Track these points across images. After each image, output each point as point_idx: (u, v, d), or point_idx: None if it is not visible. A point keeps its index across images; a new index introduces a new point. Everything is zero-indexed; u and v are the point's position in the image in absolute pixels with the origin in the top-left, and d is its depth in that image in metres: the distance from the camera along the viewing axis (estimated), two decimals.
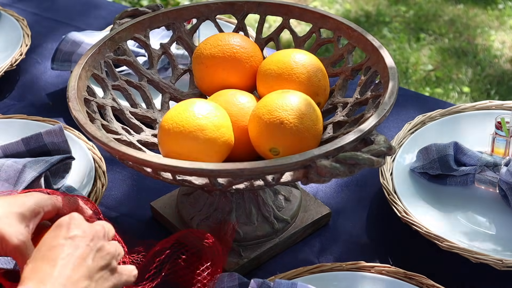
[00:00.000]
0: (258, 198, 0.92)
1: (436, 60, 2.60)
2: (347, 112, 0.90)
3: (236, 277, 0.82)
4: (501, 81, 2.49)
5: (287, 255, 0.94)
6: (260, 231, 0.92)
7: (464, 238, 0.92)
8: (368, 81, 0.92)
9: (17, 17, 1.43)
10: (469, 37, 2.73)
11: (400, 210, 0.95)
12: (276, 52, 0.95)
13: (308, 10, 0.99)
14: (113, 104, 0.92)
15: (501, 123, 1.01)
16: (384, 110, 0.79)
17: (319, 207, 0.98)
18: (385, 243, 0.96)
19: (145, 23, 0.99)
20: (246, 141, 0.86)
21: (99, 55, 0.93)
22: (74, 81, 0.86)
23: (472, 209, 0.98)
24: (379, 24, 2.82)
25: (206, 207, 0.93)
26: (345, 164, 0.72)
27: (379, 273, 0.86)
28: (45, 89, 1.30)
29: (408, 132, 1.09)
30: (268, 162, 0.72)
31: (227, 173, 0.72)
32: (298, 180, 0.76)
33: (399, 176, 1.01)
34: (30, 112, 1.22)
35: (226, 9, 1.02)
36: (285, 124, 0.80)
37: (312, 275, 0.86)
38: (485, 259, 0.87)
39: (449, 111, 1.13)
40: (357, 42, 0.94)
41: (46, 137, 1.01)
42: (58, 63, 1.26)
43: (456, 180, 1.00)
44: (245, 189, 0.79)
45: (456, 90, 2.44)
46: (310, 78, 0.89)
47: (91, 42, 1.25)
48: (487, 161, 0.98)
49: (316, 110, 0.84)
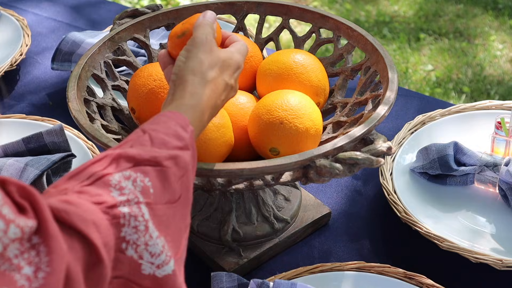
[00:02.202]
0: (258, 198, 0.92)
1: (436, 60, 2.60)
2: (346, 112, 0.90)
3: (235, 277, 0.82)
4: (501, 81, 2.48)
5: (287, 255, 0.94)
6: (260, 231, 0.92)
7: (464, 238, 0.92)
8: (368, 81, 0.92)
9: (17, 17, 1.43)
10: (469, 37, 2.73)
11: (400, 210, 0.95)
12: (276, 52, 0.95)
13: (307, 10, 0.99)
14: (113, 104, 0.92)
15: (501, 123, 1.01)
16: (384, 110, 0.79)
17: (319, 207, 0.98)
18: (385, 243, 0.96)
19: (145, 23, 0.99)
20: (246, 141, 0.86)
21: (99, 55, 0.93)
22: (74, 81, 0.86)
23: (472, 209, 0.98)
24: (379, 24, 2.82)
25: (206, 207, 0.93)
26: (345, 164, 0.72)
27: (379, 273, 0.86)
28: (45, 89, 1.30)
29: (408, 132, 1.09)
30: (268, 162, 0.72)
31: (227, 173, 0.73)
32: (297, 180, 0.76)
33: (399, 176, 1.01)
34: (30, 112, 1.22)
35: (226, 9, 1.02)
36: (285, 124, 0.80)
37: (312, 275, 0.86)
38: (485, 259, 0.87)
39: (449, 111, 1.13)
40: (356, 42, 0.94)
41: (46, 136, 1.01)
42: (58, 63, 1.26)
43: (456, 180, 1.00)
44: (245, 189, 0.79)
45: (456, 90, 2.44)
46: (310, 78, 0.89)
47: (91, 42, 1.25)
48: (487, 161, 0.98)
49: (316, 110, 0.84)
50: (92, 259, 0.51)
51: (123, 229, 0.54)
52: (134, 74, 0.88)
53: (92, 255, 0.51)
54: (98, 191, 0.55)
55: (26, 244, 0.47)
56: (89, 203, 0.53)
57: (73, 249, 0.50)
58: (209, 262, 0.92)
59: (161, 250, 0.56)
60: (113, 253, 0.53)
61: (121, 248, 0.54)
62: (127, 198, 0.55)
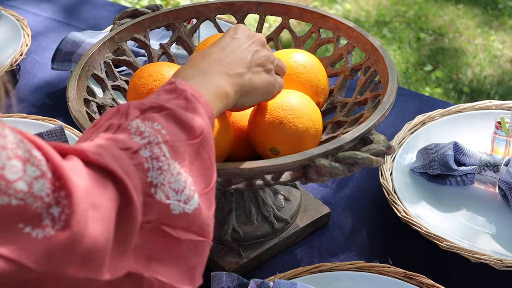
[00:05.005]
0: (258, 198, 0.92)
1: (436, 60, 2.60)
2: (346, 112, 0.90)
3: (235, 277, 0.82)
4: (501, 81, 2.48)
5: (287, 255, 0.94)
6: (260, 231, 0.92)
7: (464, 238, 0.92)
8: (368, 80, 0.92)
9: (17, 17, 1.43)
10: (469, 37, 2.73)
11: (400, 210, 0.95)
12: (275, 52, 0.95)
13: (307, 10, 0.99)
14: (113, 104, 0.92)
15: (501, 123, 1.01)
16: (384, 109, 0.79)
17: (319, 206, 0.98)
18: (385, 243, 0.96)
19: (145, 23, 0.99)
20: (246, 141, 0.86)
21: (99, 55, 0.93)
22: (74, 81, 0.86)
23: (472, 209, 0.98)
24: (379, 24, 2.82)
25: None
26: (345, 164, 0.72)
27: (379, 273, 0.86)
28: (45, 89, 1.30)
29: (408, 132, 1.09)
30: (267, 161, 0.72)
31: (227, 173, 0.73)
32: (297, 180, 0.76)
33: (399, 176, 1.01)
34: (30, 112, 1.22)
35: (226, 9, 1.02)
36: (285, 124, 0.80)
37: (312, 275, 0.86)
38: (485, 259, 0.87)
39: (449, 111, 1.13)
40: (356, 42, 0.94)
41: (47, 137, 1.02)
42: (58, 63, 1.26)
43: (456, 180, 1.00)
44: (245, 188, 0.79)
45: (456, 90, 2.44)
46: (310, 78, 0.89)
47: (91, 42, 1.25)
48: (487, 161, 0.98)
49: (316, 110, 0.84)
50: (124, 201, 0.52)
51: (149, 174, 0.55)
52: (134, 74, 0.88)
53: (124, 196, 0.52)
54: (122, 137, 0.56)
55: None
56: (116, 149, 0.55)
57: (107, 189, 0.51)
58: (209, 262, 0.91)
59: (184, 185, 0.57)
60: (142, 198, 0.54)
61: (150, 192, 0.55)
62: (148, 140, 0.56)
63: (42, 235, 0.46)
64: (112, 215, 0.51)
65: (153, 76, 0.86)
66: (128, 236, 0.53)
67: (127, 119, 0.59)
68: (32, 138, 0.48)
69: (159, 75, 0.86)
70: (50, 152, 0.48)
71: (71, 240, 0.47)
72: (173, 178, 0.56)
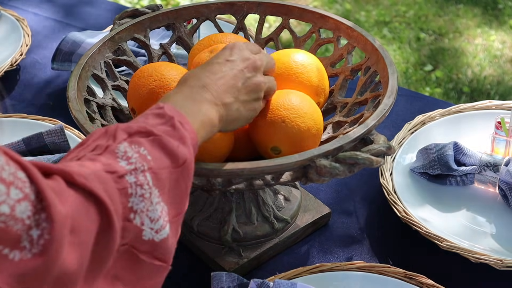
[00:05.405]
0: (258, 198, 0.92)
1: (436, 60, 2.60)
2: (346, 112, 0.90)
3: (235, 277, 0.82)
4: (501, 81, 2.49)
5: (287, 255, 0.94)
6: (260, 231, 0.92)
7: (464, 238, 0.92)
8: (368, 81, 0.92)
9: (17, 17, 1.43)
10: (469, 37, 2.73)
11: (400, 210, 0.95)
12: (275, 52, 0.95)
13: (307, 10, 0.99)
14: (113, 104, 0.92)
15: (501, 123, 1.01)
16: (384, 110, 0.79)
17: (319, 207, 0.98)
18: (385, 243, 0.96)
19: (145, 23, 0.99)
20: (246, 141, 0.86)
21: (99, 55, 0.93)
22: (74, 81, 0.86)
23: (472, 209, 0.98)
24: (379, 24, 2.82)
25: (206, 207, 0.93)
26: (345, 164, 0.72)
27: (379, 273, 0.86)
28: (45, 89, 1.30)
29: (408, 132, 1.09)
30: (268, 162, 0.72)
31: (227, 173, 0.73)
32: (297, 180, 0.76)
33: (399, 176, 1.01)
34: (30, 112, 1.22)
35: (226, 9, 1.02)
36: (287, 123, 0.80)
37: (312, 275, 0.86)
38: (485, 259, 0.87)
39: (449, 111, 1.13)
40: (356, 42, 0.94)
41: (47, 137, 1.01)
42: (58, 63, 1.26)
43: (456, 180, 1.00)
44: (245, 189, 0.79)
45: (456, 90, 2.44)
46: (310, 78, 0.89)
47: (91, 42, 1.25)
48: (487, 161, 0.98)
49: (317, 110, 0.84)
50: (105, 225, 0.53)
51: (131, 199, 0.56)
52: (134, 74, 0.88)
53: (105, 220, 0.53)
54: (108, 160, 0.57)
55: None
56: (102, 171, 0.55)
57: (89, 212, 0.52)
58: (209, 262, 0.92)
59: (159, 215, 0.58)
60: (122, 222, 0.55)
61: (130, 218, 0.56)
62: (134, 166, 0.57)
63: (18, 257, 0.47)
64: (91, 239, 0.52)
65: (153, 76, 0.86)
66: (104, 259, 0.54)
67: (114, 141, 0.59)
68: (17, 158, 0.49)
69: (159, 75, 0.86)
70: (34, 174, 0.49)
71: (46, 265, 0.48)
72: (152, 207, 0.57)
